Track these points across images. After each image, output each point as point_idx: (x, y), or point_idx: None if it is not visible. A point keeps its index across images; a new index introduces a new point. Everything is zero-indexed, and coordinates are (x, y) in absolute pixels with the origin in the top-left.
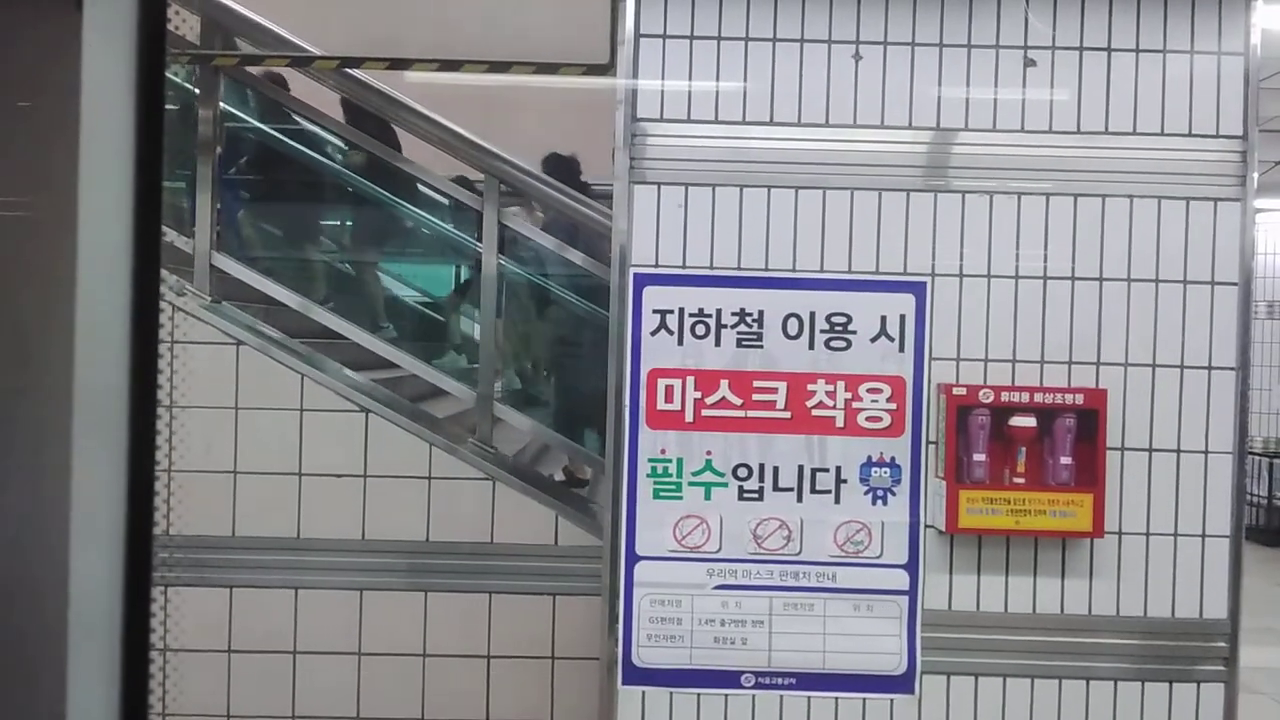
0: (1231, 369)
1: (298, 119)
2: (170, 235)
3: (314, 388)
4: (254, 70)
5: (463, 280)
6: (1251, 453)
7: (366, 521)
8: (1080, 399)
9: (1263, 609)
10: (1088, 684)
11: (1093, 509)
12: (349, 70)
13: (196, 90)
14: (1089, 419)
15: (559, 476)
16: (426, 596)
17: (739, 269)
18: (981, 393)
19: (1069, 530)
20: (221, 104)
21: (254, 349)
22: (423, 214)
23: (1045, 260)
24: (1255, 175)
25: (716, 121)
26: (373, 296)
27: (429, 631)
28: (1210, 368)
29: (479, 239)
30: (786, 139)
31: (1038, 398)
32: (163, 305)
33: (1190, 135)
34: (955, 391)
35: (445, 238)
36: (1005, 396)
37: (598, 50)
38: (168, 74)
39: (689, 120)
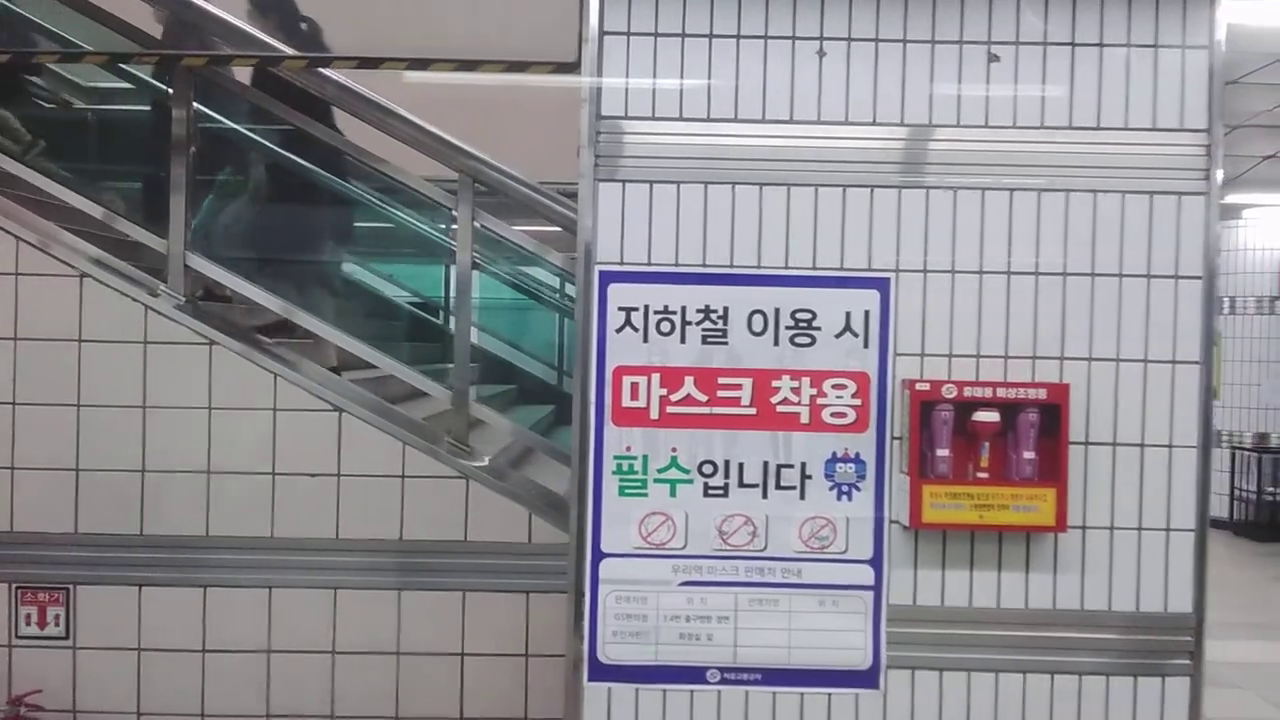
0: (1195, 363)
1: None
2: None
3: (287, 388)
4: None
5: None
6: (1241, 448)
7: (340, 521)
8: (1043, 394)
9: (1252, 604)
10: (1052, 679)
11: (1055, 503)
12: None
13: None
14: (1052, 414)
15: None
16: (400, 595)
17: (704, 266)
18: (945, 388)
19: (1032, 525)
20: None
21: (226, 349)
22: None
23: (1009, 255)
24: (1220, 169)
25: (681, 119)
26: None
27: (403, 629)
28: (1174, 362)
29: None
30: (751, 136)
31: (1001, 393)
32: (136, 306)
33: (1154, 129)
34: (919, 387)
35: None
36: (969, 392)
37: (566, 48)
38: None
39: (654, 118)
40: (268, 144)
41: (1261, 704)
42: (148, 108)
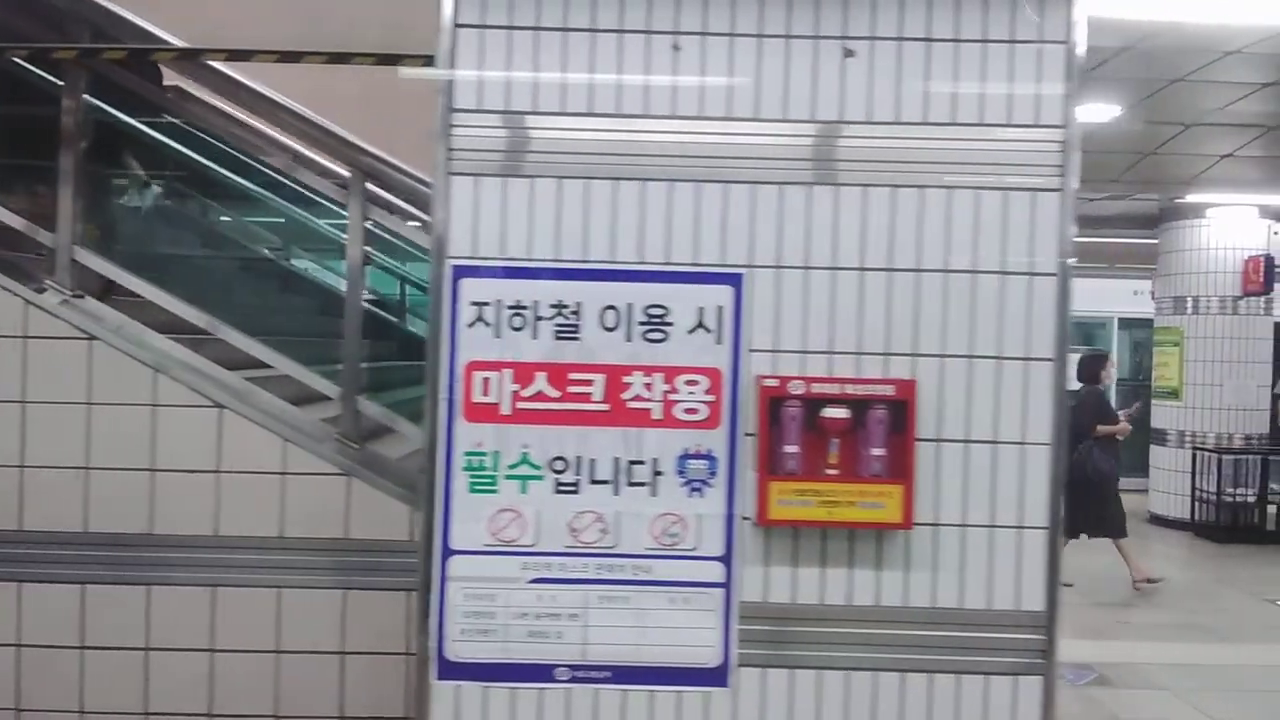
0: (1049, 360)
1: None
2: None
3: (168, 384)
4: None
5: None
6: (1202, 449)
7: (220, 518)
8: (891, 390)
9: (1197, 606)
10: (904, 677)
11: (902, 500)
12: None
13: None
14: (901, 411)
15: None
16: (280, 593)
17: (557, 261)
18: (792, 384)
19: (878, 521)
20: None
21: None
22: None
23: (863, 252)
24: (1076, 165)
25: (535, 112)
26: None
27: (282, 627)
28: (1028, 359)
29: None
30: (606, 130)
31: (849, 389)
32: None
33: (1010, 125)
34: (766, 383)
35: None
36: (817, 388)
37: (426, 41)
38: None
39: (507, 111)
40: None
41: (1181, 706)
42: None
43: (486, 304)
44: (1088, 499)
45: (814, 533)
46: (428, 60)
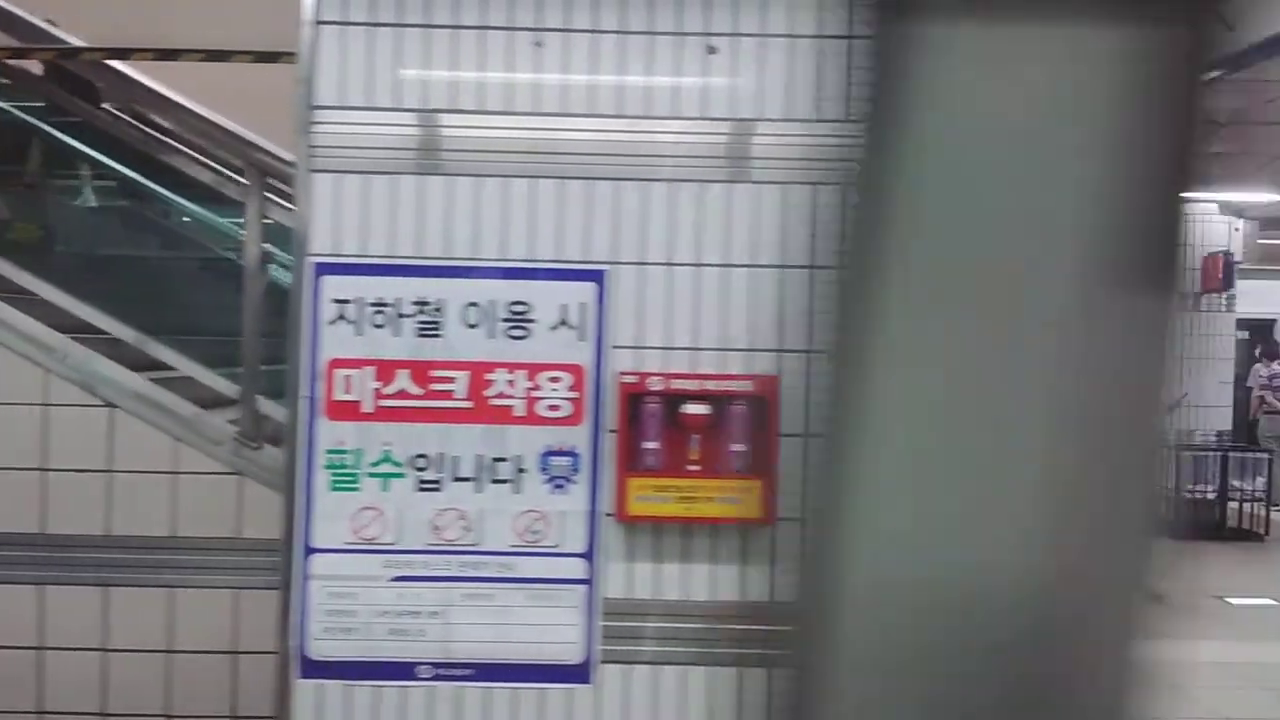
0: None
1: None
2: None
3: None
4: None
5: None
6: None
7: (112, 518)
8: (751, 386)
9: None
10: (769, 672)
11: (762, 495)
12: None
13: None
14: (763, 406)
15: None
16: (172, 593)
17: (420, 258)
18: (652, 380)
19: (739, 517)
20: None
21: None
22: None
23: (727, 248)
24: None
25: (397, 109)
26: None
27: (174, 627)
28: None
29: None
30: (468, 127)
31: (710, 385)
32: None
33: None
34: (625, 380)
35: None
36: (677, 384)
37: (288, 37)
38: None
39: (368, 108)
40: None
41: None
42: None
43: (348, 301)
44: None
45: (678, 528)
46: (286, 57)
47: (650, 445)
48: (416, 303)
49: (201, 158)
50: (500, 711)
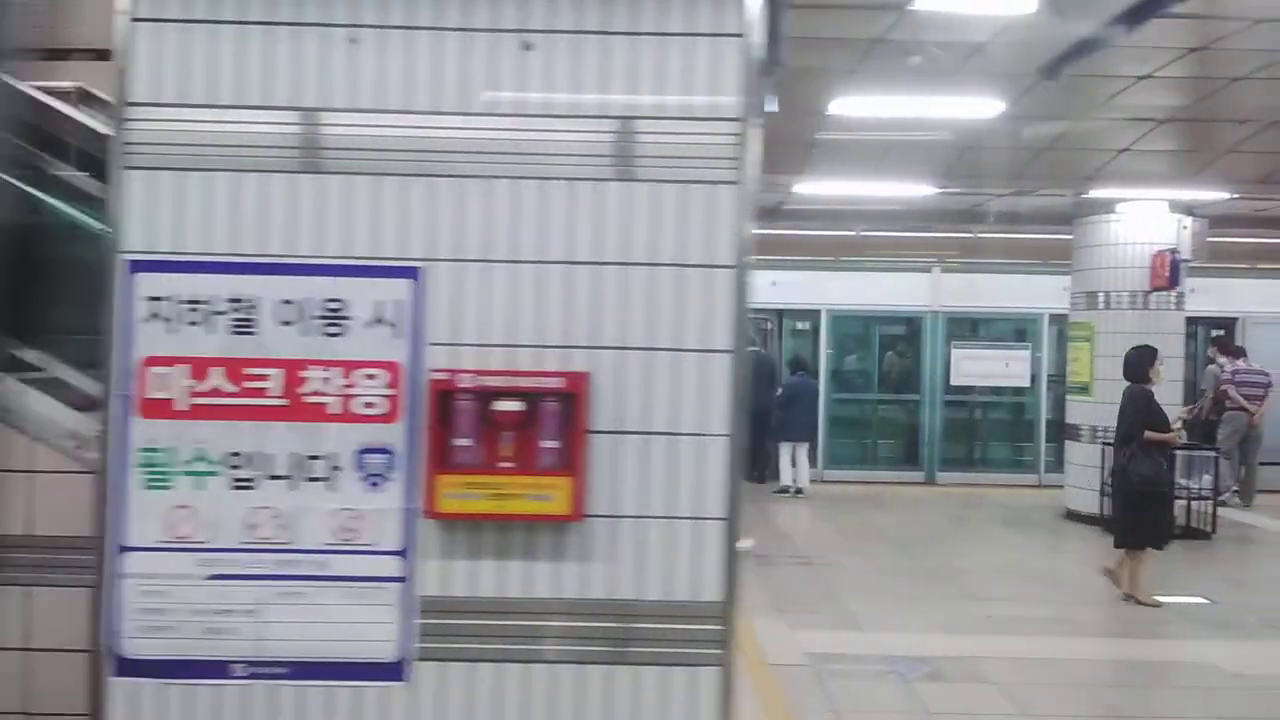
0: (728, 352)
1: None
2: None
3: None
4: None
5: None
6: (1110, 444)
7: None
8: (561, 383)
9: (1073, 600)
10: (582, 669)
11: (571, 492)
12: None
13: None
14: (573, 403)
15: None
16: (28, 591)
17: (235, 255)
18: (461, 377)
19: (547, 514)
20: None
21: None
22: None
23: (544, 245)
24: (754, 158)
25: (211, 106)
26: None
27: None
28: (707, 351)
29: None
30: (282, 124)
31: (520, 382)
32: None
33: (687, 119)
34: (435, 377)
35: None
36: (487, 381)
37: (102, 35)
38: None
39: (182, 104)
40: None
41: (997, 699)
42: None
43: (162, 299)
44: (1147, 509)
45: (494, 526)
46: (99, 54)
47: (461, 442)
48: (231, 300)
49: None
50: (315, 710)
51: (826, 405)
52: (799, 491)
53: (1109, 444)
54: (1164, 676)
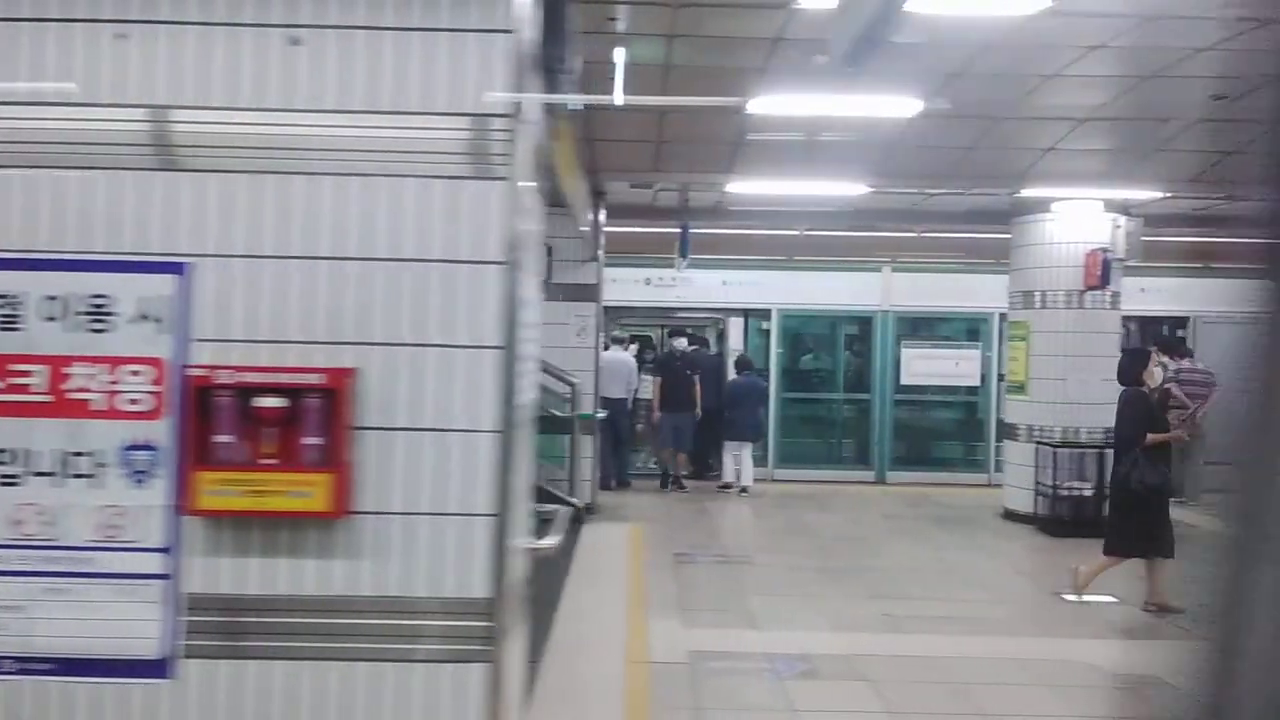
0: (498, 348)
1: None
2: None
3: None
4: None
5: None
6: (1045, 443)
7: None
8: (323, 379)
9: (984, 598)
10: (350, 666)
11: (332, 489)
12: None
13: None
14: (335, 399)
15: None
16: None
17: None
18: (221, 373)
19: (308, 510)
20: None
21: None
22: None
23: (313, 241)
24: (523, 154)
25: None
26: None
27: None
28: (476, 347)
29: None
30: (48, 119)
31: (281, 378)
32: None
33: (454, 114)
34: (193, 373)
35: None
36: (246, 377)
37: None
38: None
39: None
40: None
41: (866, 697)
42: None
43: None
44: (1136, 516)
45: (260, 523)
46: None
47: (221, 439)
48: None
49: None
50: (82, 707)
51: (777, 404)
52: (744, 490)
53: (1044, 444)
54: (1045, 675)
